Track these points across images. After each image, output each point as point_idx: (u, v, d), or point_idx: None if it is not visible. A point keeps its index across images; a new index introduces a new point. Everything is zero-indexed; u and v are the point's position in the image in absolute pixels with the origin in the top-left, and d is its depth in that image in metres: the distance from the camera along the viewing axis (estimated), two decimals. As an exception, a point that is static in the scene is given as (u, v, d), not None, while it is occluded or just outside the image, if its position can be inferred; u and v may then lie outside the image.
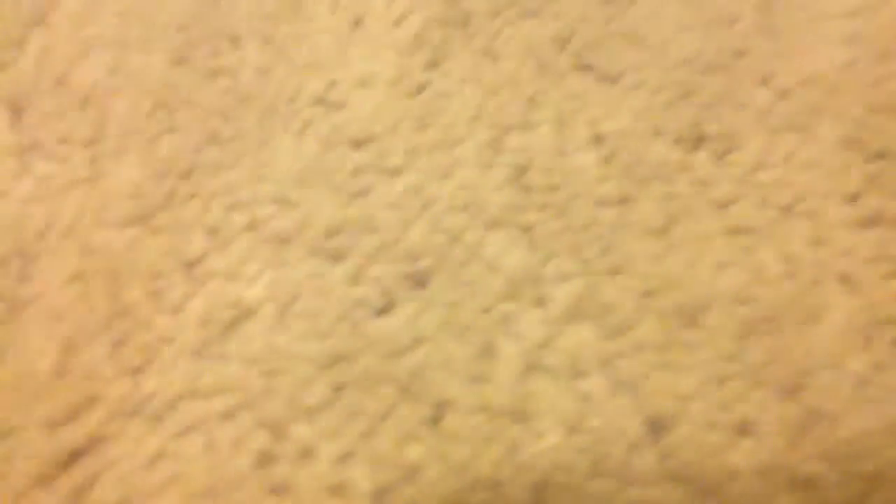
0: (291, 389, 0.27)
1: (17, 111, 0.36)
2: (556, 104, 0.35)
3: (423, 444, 0.26)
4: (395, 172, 0.33)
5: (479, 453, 0.26)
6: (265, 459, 0.26)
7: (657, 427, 0.27)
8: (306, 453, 0.26)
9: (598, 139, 0.34)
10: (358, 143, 0.34)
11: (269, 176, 0.33)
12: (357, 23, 0.37)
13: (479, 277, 0.30)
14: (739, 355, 0.29)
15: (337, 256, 0.30)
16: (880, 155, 0.33)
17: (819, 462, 0.27)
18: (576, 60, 0.37)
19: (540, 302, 0.30)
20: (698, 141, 0.34)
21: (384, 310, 0.29)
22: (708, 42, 0.37)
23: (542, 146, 0.34)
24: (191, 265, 0.30)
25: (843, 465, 0.27)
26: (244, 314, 0.29)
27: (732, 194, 0.33)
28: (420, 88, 0.36)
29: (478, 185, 0.33)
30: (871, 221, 0.31)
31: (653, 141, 0.34)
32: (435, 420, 0.27)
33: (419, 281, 0.30)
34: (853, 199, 0.31)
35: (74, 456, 0.27)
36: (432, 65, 0.37)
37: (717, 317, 0.30)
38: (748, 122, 0.35)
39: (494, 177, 0.33)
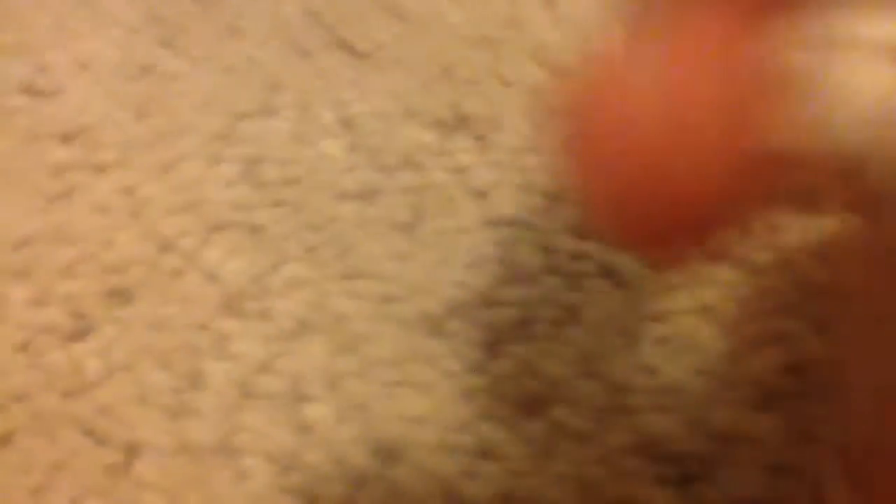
0: (-51, 439, 0.23)
1: None
2: (299, 86, 0.32)
3: (107, 498, 0.23)
4: (104, 170, 0.29)
5: (176, 503, 0.23)
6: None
7: (385, 456, 0.24)
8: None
9: (345, 124, 0.31)
10: (65, 138, 0.30)
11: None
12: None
13: (194, 290, 0.27)
14: (486, 367, 0.26)
15: (21, 273, 0.26)
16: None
17: (565, 487, 0.24)
18: (324, 39, 0.33)
19: (263, 316, 0.26)
20: (457, 123, 0.31)
21: (75, 336, 0.25)
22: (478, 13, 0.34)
23: (281, 134, 0.30)
24: None
25: (590, 489, 0.24)
26: None
27: (492, 182, 0.30)
28: (144, 71, 0.32)
29: (202, 183, 0.29)
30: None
31: (406, 124, 0.31)
32: (121, 468, 0.23)
33: (122, 299, 0.26)
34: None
35: None
36: (164, 43, 0.33)
37: (464, 324, 0.27)
38: (514, 103, 0.32)
39: (223, 172, 0.29)
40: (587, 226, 0.29)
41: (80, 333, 0.25)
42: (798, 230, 0.27)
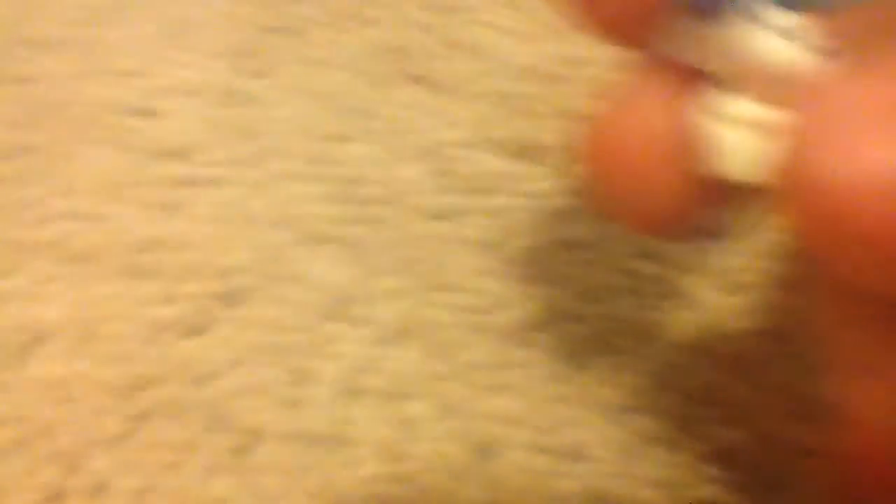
0: (87, 419, 0.25)
1: None
2: (387, 117, 0.34)
3: (231, 477, 0.24)
4: (214, 185, 0.31)
5: (292, 485, 0.24)
6: (54, 496, 0.24)
7: (484, 454, 0.26)
8: (100, 489, 0.24)
9: (430, 152, 0.33)
10: (174, 155, 0.32)
11: (76, 190, 0.30)
12: (180, 29, 0.35)
13: (300, 296, 0.28)
14: (572, 377, 0.28)
15: (146, 274, 0.28)
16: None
17: (653, 489, 0.26)
18: (409, 72, 0.35)
19: (364, 322, 0.28)
20: (537, 154, 0.33)
21: (195, 331, 0.27)
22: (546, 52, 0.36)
23: (372, 159, 0.32)
24: (-15, 285, 0.28)
25: (675, 492, 0.26)
26: (41, 337, 0.26)
27: (570, 208, 0.32)
28: (246, 98, 0.34)
29: (302, 199, 0.31)
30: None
31: (487, 153, 0.33)
32: (244, 450, 0.25)
33: (235, 300, 0.28)
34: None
35: None
36: (260, 74, 0.35)
37: (550, 337, 0.29)
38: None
39: (320, 190, 0.31)
40: (661, 250, 0.31)
41: (200, 329, 0.27)
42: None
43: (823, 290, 0.21)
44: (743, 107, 0.19)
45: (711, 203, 0.20)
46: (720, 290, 0.30)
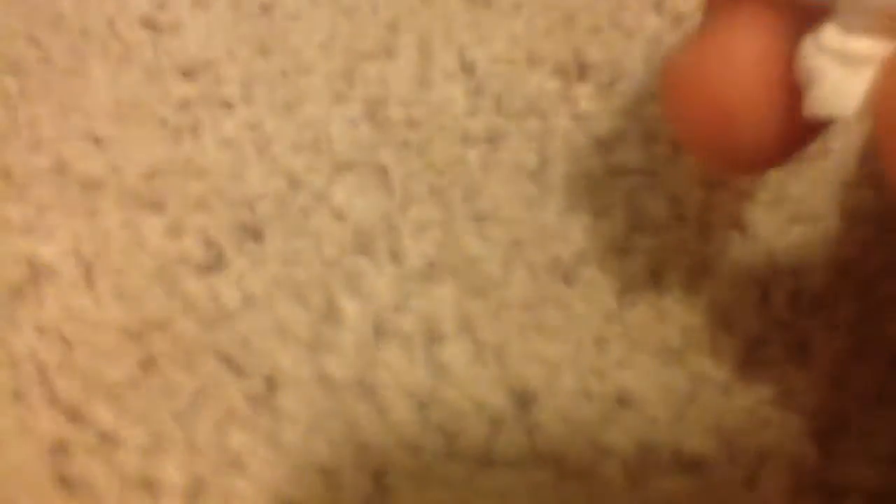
0: (90, 365, 0.23)
1: None
2: (420, 29, 0.31)
3: (249, 426, 0.22)
4: (230, 106, 0.28)
5: (315, 434, 0.22)
6: (58, 447, 0.22)
7: (523, 399, 0.24)
8: (107, 439, 0.22)
9: (466, 68, 0.30)
10: (188, 73, 0.29)
11: (81, 109, 0.28)
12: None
13: (324, 227, 0.26)
14: (620, 315, 0.25)
15: (155, 204, 0.26)
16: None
17: (706, 437, 0.23)
18: (444, -20, 0.33)
19: (394, 256, 0.26)
20: (580, 71, 0.31)
21: (209, 267, 0.25)
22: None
23: (403, 76, 0.30)
24: (-18, 216, 0.26)
25: (731, 439, 0.23)
26: (40, 273, 0.24)
27: (616, 131, 0.30)
28: (265, 9, 0.31)
29: (326, 121, 0.29)
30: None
31: (527, 70, 0.31)
32: (262, 397, 0.23)
33: (253, 233, 0.26)
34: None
35: None
36: (281, -17, 0.32)
37: (595, 271, 0.26)
38: (636, 51, 0.31)
39: (346, 111, 0.29)
40: (713, 175, 0.28)
41: (214, 265, 0.25)
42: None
43: None
44: (849, 40, 0.17)
45: (802, 140, 0.19)
46: (781, 220, 0.28)
